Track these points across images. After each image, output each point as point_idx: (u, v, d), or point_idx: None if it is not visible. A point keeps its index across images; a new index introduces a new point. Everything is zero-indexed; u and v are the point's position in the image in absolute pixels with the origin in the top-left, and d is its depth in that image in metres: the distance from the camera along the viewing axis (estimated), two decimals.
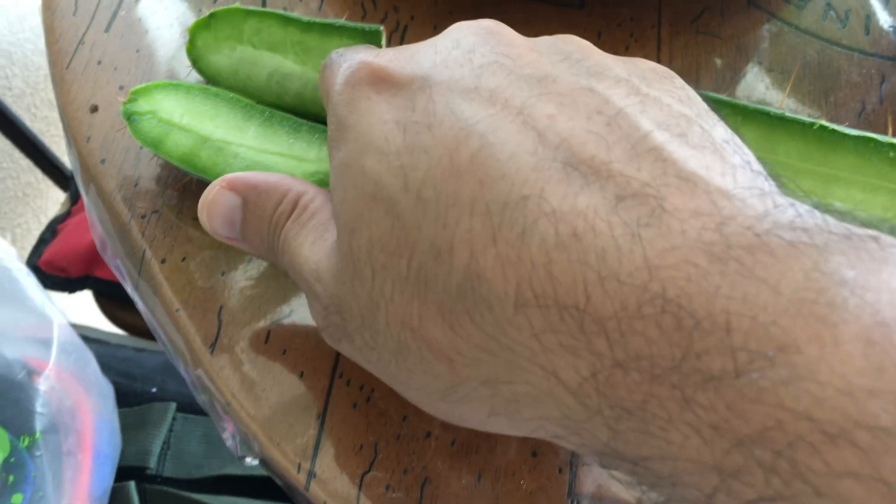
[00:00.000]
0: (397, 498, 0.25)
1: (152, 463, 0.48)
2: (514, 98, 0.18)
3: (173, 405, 0.50)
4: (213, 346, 0.27)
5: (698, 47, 0.35)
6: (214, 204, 0.24)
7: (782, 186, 0.18)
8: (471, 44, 0.20)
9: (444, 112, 0.19)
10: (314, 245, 0.22)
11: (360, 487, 0.25)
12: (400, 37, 0.34)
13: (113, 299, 0.67)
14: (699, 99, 0.20)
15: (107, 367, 0.52)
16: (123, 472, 0.47)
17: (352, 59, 0.22)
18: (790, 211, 0.15)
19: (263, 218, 0.23)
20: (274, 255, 0.23)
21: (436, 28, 0.34)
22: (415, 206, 0.18)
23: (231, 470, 0.49)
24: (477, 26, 0.21)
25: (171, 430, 0.50)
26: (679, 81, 0.20)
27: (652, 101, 0.19)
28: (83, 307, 0.77)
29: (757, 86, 0.34)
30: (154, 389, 0.53)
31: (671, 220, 0.15)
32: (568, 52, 0.20)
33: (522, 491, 0.25)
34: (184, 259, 0.29)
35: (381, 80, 0.21)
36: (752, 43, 0.35)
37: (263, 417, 0.26)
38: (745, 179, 0.17)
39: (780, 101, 0.34)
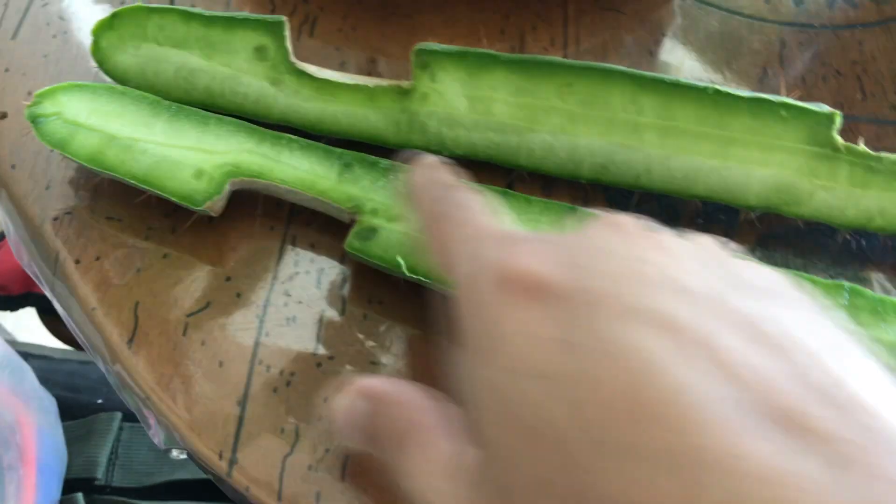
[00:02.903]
0: (320, 477, 0.25)
1: (100, 473, 0.48)
2: (693, 326, 0.16)
3: (119, 415, 0.50)
4: (130, 342, 0.27)
5: (604, 24, 0.36)
6: (349, 411, 0.22)
7: None
8: (629, 250, 0.19)
9: (617, 338, 0.17)
10: (449, 477, 0.19)
11: (282, 470, 0.26)
12: (310, 29, 0.35)
13: (56, 315, 0.66)
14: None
15: (51, 381, 0.52)
16: (71, 485, 0.47)
17: (499, 251, 0.20)
18: None
19: (383, 432, 0.22)
20: (394, 474, 0.21)
21: (345, 18, 0.35)
22: (591, 449, 0.16)
23: (181, 475, 0.49)
24: (625, 226, 0.20)
25: (118, 440, 0.50)
26: (796, 289, 0.19)
27: (816, 325, 0.17)
28: (32, 326, 0.76)
29: (665, 59, 0.35)
30: (100, 400, 0.53)
31: None
32: (708, 257, 0.19)
33: None
34: (98, 258, 0.29)
35: (537, 289, 0.18)
36: (657, 17, 0.36)
37: (183, 408, 0.26)
38: None
39: (684, 73, 0.35)
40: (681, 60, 0.35)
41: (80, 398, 0.53)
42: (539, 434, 0.17)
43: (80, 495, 0.46)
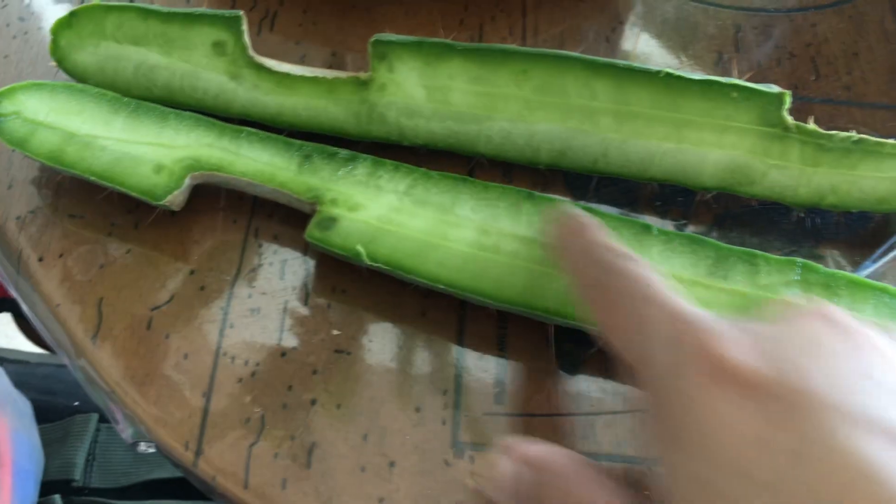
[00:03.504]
0: (285, 465, 0.26)
1: (77, 475, 0.48)
2: None
3: (95, 416, 0.50)
4: (94, 337, 0.27)
5: (563, 13, 0.36)
6: (511, 476, 0.21)
7: None
8: (845, 350, 0.18)
9: (846, 449, 0.16)
10: None
11: (248, 459, 0.26)
12: (270, 23, 0.35)
13: None
14: None
15: (27, 385, 0.52)
16: (48, 487, 0.47)
17: (705, 340, 0.19)
18: None
19: None
20: None
21: (305, 13, 0.35)
22: None
23: (159, 474, 0.49)
24: (835, 320, 0.19)
25: (95, 441, 0.50)
26: None
27: None
28: (9, 332, 0.76)
29: (622, 46, 0.36)
30: (76, 403, 0.53)
31: None
32: None
33: (408, 445, 0.26)
34: (61, 255, 0.29)
35: (750, 384, 0.17)
36: (615, 5, 0.37)
37: (149, 401, 0.27)
38: None
39: (641, 59, 0.35)
40: (638, 47, 0.36)
41: (56, 401, 0.53)
42: None
43: (57, 497, 0.46)
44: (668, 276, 0.22)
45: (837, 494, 0.15)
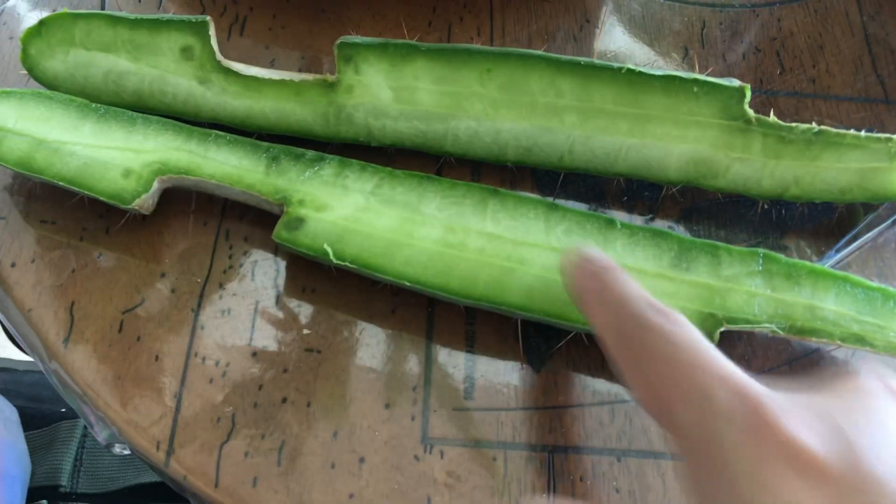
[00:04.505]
0: (256, 463, 0.26)
1: (65, 480, 0.48)
2: None
3: (82, 422, 0.50)
4: (66, 341, 0.28)
5: (530, 12, 0.36)
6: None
7: None
8: None
9: None
10: None
11: (218, 458, 0.26)
12: (240, 28, 0.35)
13: None
14: None
15: (14, 393, 0.52)
16: (36, 493, 0.47)
17: (749, 408, 0.18)
18: None
19: None
20: None
21: (275, 17, 0.36)
22: None
23: (147, 478, 0.49)
24: (881, 395, 0.19)
25: (82, 447, 0.50)
26: None
27: None
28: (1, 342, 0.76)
29: (589, 45, 0.36)
30: (63, 409, 0.53)
31: None
32: None
33: (378, 441, 0.27)
34: (33, 260, 0.29)
35: (808, 465, 0.17)
36: (582, 4, 0.37)
37: (120, 403, 0.27)
38: None
39: (608, 57, 0.35)
40: (605, 45, 0.36)
41: (42, 408, 0.53)
42: None
43: (44, 502, 0.46)
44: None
45: None
